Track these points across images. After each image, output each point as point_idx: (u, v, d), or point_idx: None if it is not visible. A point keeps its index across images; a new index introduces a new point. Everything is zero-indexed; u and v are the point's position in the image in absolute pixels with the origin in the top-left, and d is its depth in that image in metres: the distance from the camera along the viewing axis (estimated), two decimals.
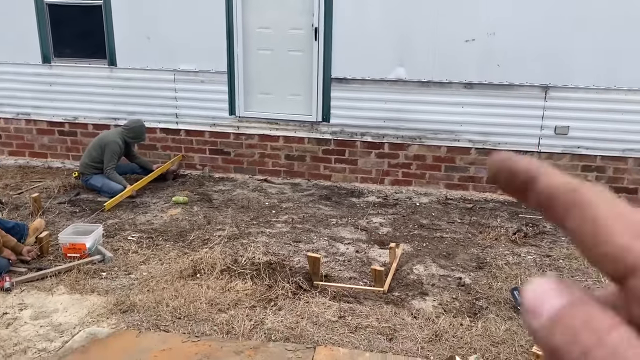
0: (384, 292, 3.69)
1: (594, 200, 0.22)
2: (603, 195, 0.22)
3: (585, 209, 0.22)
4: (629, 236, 0.21)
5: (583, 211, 0.22)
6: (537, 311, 0.22)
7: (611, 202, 0.22)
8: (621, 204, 0.22)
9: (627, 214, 0.22)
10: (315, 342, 3.12)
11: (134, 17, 6.20)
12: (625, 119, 5.44)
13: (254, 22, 6.03)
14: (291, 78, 6.12)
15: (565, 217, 0.22)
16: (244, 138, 6.38)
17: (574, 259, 4.32)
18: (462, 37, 5.55)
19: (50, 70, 6.58)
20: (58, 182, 5.85)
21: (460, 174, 5.96)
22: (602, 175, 5.66)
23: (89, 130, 6.68)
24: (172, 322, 3.30)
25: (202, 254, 4.12)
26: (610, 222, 0.21)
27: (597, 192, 0.22)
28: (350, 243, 4.59)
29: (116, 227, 4.80)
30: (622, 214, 0.22)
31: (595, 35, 5.29)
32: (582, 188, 0.23)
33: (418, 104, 5.82)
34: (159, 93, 6.39)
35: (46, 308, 3.48)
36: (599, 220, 0.21)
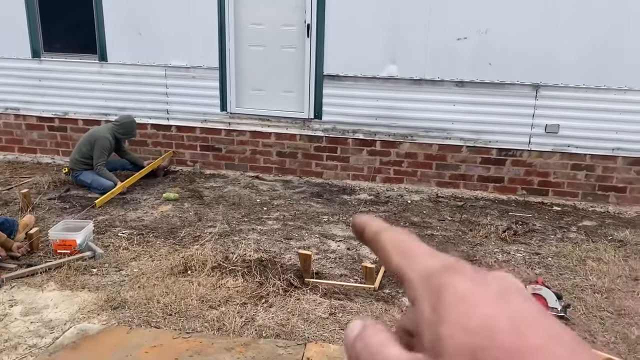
0: (375, 289, 3.71)
1: (384, 238, 0.33)
2: (390, 233, 0.33)
3: (380, 244, 0.33)
4: (397, 257, 0.32)
5: (380, 245, 0.33)
6: (347, 339, 0.30)
7: (393, 237, 0.33)
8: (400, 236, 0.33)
9: (399, 243, 0.32)
10: (306, 338, 3.13)
11: (125, 12, 6.15)
12: (615, 118, 5.49)
13: (246, 18, 6.01)
14: (283, 75, 6.11)
15: (375, 250, 0.34)
16: (236, 134, 6.37)
17: (563, 257, 4.36)
18: (454, 35, 5.57)
19: (39, 65, 6.53)
20: (48, 178, 5.81)
21: (452, 172, 5.99)
22: (592, 173, 5.71)
23: (79, 126, 6.64)
24: (163, 318, 3.30)
25: (193, 250, 4.12)
26: (389, 250, 0.32)
27: (388, 232, 0.33)
28: (342, 240, 4.60)
29: (107, 224, 4.78)
30: (395, 244, 0.32)
31: (586, 35, 5.33)
32: (380, 231, 0.34)
33: (410, 102, 5.84)
34: (150, 89, 6.36)
35: (36, 304, 3.47)
36: (385, 250, 0.33)
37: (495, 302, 0.26)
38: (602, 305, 3.65)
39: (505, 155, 5.84)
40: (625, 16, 5.23)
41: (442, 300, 0.27)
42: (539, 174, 5.82)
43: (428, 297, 0.28)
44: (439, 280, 0.28)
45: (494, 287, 0.27)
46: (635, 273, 4.09)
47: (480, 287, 0.27)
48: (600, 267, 4.17)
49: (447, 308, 0.26)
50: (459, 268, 0.29)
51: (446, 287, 0.27)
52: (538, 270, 4.14)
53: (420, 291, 0.29)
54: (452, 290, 0.27)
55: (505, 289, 0.27)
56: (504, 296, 0.27)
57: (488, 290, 0.27)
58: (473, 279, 0.28)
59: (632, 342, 3.25)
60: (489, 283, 0.28)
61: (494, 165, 5.89)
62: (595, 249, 4.52)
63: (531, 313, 0.26)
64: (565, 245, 4.59)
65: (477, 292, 0.27)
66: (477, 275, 0.28)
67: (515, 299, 0.27)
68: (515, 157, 5.82)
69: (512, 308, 0.26)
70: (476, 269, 0.29)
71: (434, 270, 0.29)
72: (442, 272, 0.29)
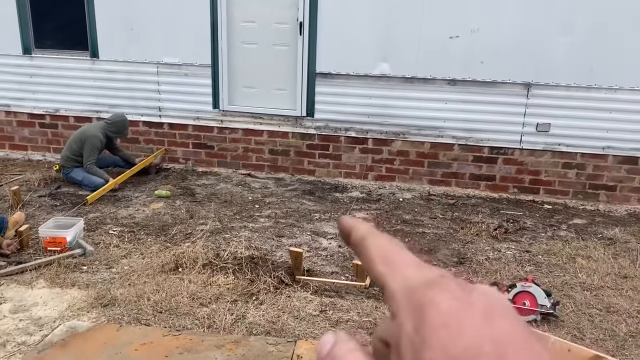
0: (366, 287, 3.72)
1: (369, 244, 0.32)
2: (376, 240, 0.32)
3: (365, 250, 0.32)
4: (380, 265, 0.31)
5: (364, 251, 0.32)
6: (318, 355, 0.30)
7: (378, 244, 0.32)
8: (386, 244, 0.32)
9: (383, 251, 0.32)
10: (296, 336, 3.14)
11: (117, 9, 6.13)
12: (605, 117, 5.52)
13: (239, 16, 6.00)
14: (276, 72, 6.10)
15: (359, 255, 0.33)
16: (228, 132, 6.36)
17: (553, 255, 4.38)
18: (447, 34, 5.59)
19: (31, 61, 6.49)
20: (38, 175, 5.78)
21: (443, 170, 6.01)
22: (582, 172, 5.74)
23: (70, 123, 6.61)
24: (153, 316, 3.30)
25: (184, 248, 4.11)
26: (373, 257, 0.32)
27: (374, 238, 0.33)
28: (333, 238, 4.60)
29: (97, 221, 4.77)
30: (380, 252, 0.32)
31: (577, 34, 5.35)
32: (366, 236, 0.33)
33: (402, 100, 5.85)
34: (142, 86, 6.34)
35: (26, 302, 3.45)
36: (368, 257, 0.32)
37: (480, 324, 0.26)
38: (591, 302, 3.67)
39: (496, 153, 5.86)
40: (615, 16, 5.25)
41: (425, 321, 0.26)
42: (530, 172, 5.85)
43: (410, 314, 0.27)
44: (423, 296, 0.28)
45: (479, 307, 0.27)
46: (624, 271, 4.12)
47: (465, 307, 0.27)
48: (589, 265, 4.20)
49: (430, 331, 0.26)
50: (443, 284, 0.28)
51: (429, 306, 0.27)
52: (528, 268, 4.16)
53: (402, 305, 0.28)
54: (436, 310, 0.26)
55: (491, 309, 0.27)
56: (489, 317, 0.26)
57: (472, 310, 0.26)
58: (457, 297, 0.27)
59: (620, 339, 3.28)
60: (474, 302, 0.27)
61: (485, 164, 5.91)
62: (585, 246, 4.55)
63: (516, 337, 0.26)
64: (556, 243, 4.62)
65: (461, 312, 0.26)
66: (462, 292, 0.28)
67: (501, 321, 0.26)
68: (506, 155, 5.85)
69: (497, 331, 0.26)
70: (461, 284, 0.28)
71: (417, 284, 0.29)
72: (426, 287, 0.28)
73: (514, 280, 3.71)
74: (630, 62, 5.33)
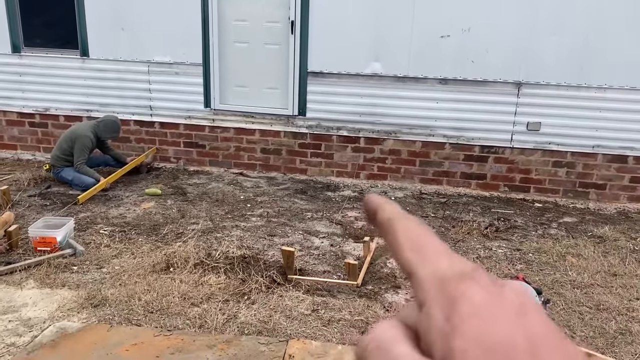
0: (358, 286, 3.72)
1: (397, 227, 0.31)
2: (405, 223, 0.31)
3: (392, 233, 0.31)
4: (409, 251, 0.30)
5: (392, 234, 0.31)
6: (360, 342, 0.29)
7: (407, 228, 0.31)
8: (415, 228, 0.31)
9: (413, 236, 0.30)
10: (288, 335, 3.13)
11: (107, 7, 6.09)
12: (595, 115, 5.56)
13: (230, 14, 5.98)
14: (267, 71, 6.09)
15: (385, 237, 0.32)
16: (220, 131, 6.34)
17: (543, 253, 4.41)
18: (438, 33, 5.60)
19: (20, 60, 6.44)
20: (28, 175, 5.74)
21: (435, 169, 6.02)
22: (572, 171, 5.78)
23: (60, 122, 6.56)
24: (144, 316, 3.28)
25: (176, 247, 4.10)
26: (401, 242, 0.30)
27: (402, 221, 0.31)
28: (325, 237, 4.60)
29: (88, 221, 4.74)
30: (409, 236, 0.30)
31: (567, 34, 5.38)
32: (394, 218, 0.32)
33: (394, 99, 5.86)
34: (132, 85, 6.31)
35: (15, 302, 3.43)
36: (396, 240, 0.31)
37: (513, 319, 0.25)
38: (581, 300, 3.70)
39: (487, 152, 5.88)
40: (604, 15, 5.29)
41: (457, 311, 0.26)
42: (520, 170, 5.88)
43: (441, 304, 0.27)
44: (455, 287, 0.27)
45: (512, 302, 0.26)
46: (613, 269, 4.15)
47: (498, 301, 0.26)
48: (579, 263, 4.23)
49: (462, 320, 0.25)
50: (476, 277, 0.27)
51: (462, 297, 0.26)
52: (519, 266, 4.18)
53: (433, 295, 0.27)
54: (469, 302, 0.26)
55: (524, 306, 0.26)
56: (522, 313, 0.26)
57: (505, 305, 0.26)
58: (490, 290, 0.27)
59: (610, 337, 3.31)
60: (507, 297, 0.26)
61: (476, 162, 5.94)
62: (575, 245, 4.58)
63: (549, 335, 0.25)
64: (546, 242, 4.64)
65: (495, 306, 0.26)
66: (494, 286, 0.27)
67: (534, 318, 0.26)
68: (497, 154, 5.87)
69: (530, 327, 0.25)
70: (493, 279, 0.28)
71: (449, 274, 0.28)
72: (459, 279, 0.27)
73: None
74: (620, 61, 5.37)
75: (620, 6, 5.25)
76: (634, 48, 5.31)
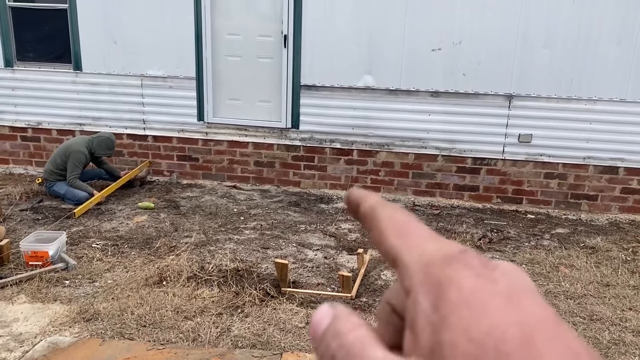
0: (352, 298, 3.72)
1: (380, 215, 0.29)
2: (388, 210, 0.30)
3: (375, 221, 0.29)
4: (393, 237, 0.28)
5: (375, 222, 0.29)
6: (315, 331, 0.27)
7: (391, 215, 0.29)
8: (399, 215, 0.29)
9: (397, 222, 0.29)
10: (282, 348, 3.12)
11: (101, 22, 6.11)
12: (586, 127, 5.62)
13: (223, 28, 6.02)
14: (260, 84, 6.12)
15: (369, 227, 0.30)
16: (213, 144, 6.35)
17: (536, 264, 4.42)
18: (429, 47, 5.66)
19: (13, 74, 6.43)
20: (20, 189, 5.71)
21: (428, 181, 6.05)
22: (564, 182, 5.82)
23: (52, 136, 6.55)
24: (137, 330, 3.26)
25: (169, 261, 4.08)
26: (384, 229, 0.28)
27: (386, 208, 0.30)
28: (319, 249, 4.60)
29: (80, 235, 4.71)
30: (393, 223, 0.29)
31: (557, 47, 5.45)
32: (377, 207, 0.30)
33: (386, 112, 5.90)
34: (126, 98, 6.31)
35: (6, 317, 3.39)
36: (380, 228, 0.29)
37: (505, 305, 0.23)
38: (574, 310, 3.71)
39: (480, 164, 5.92)
40: (594, 29, 5.37)
41: (445, 299, 0.24)
42: (513, 182, 5.91)
43: (427, 290, 0.25)
44: (441, 272, 0.25)
45: (504, 286, 0.24)
46: (606, 279, 4.17)
47: (488, 285, 0.24)
48: (572, 274, 4.25)
49: (450, 309, 0.23)
50: (464, 259, 0.25)
51: (449, 283, 0.24)
52: None
53: (418, 281, 0.25)
54: (456, 288, 0.24)
55: (516, 289, 0.24)
56: (515, 298, 0.24)
57: (497, 289, 0.24)
58: (480, 273, 0.24)
59: (603, 347, 3.31)
60: (498, 280, 0.24)
61: (469, 174, 5.97)
62: (568, 255, 4.60)
63: (546, 322, 0.23)
64: (539, 253, 4.66)
65: (485, 291, 0.24)
66: (485, 269, 0.25)
67: (528, 302, 0.24)
68: (489, 166, 5.91)
69: (523, 314, 0.23)
70: (484, 261, 0.25)
71: (435, 258, 0.26)
72: (445, 262, 0.25)
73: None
74: (609, 74, 5.44)
75: (609, 20, 5.33)
76: (622, 61, 5.39)
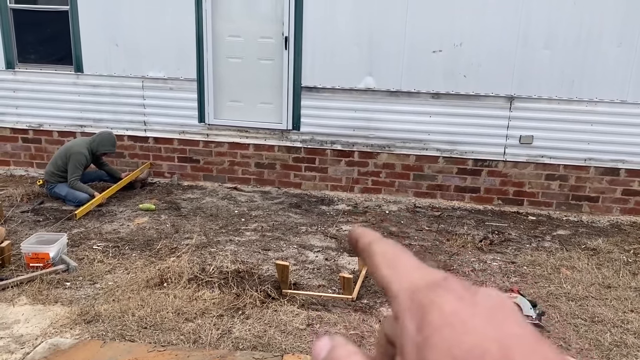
0: (353, 300, 3.71)
1: (375, 249, 0.32)
2: (382, 245, 0.33)
3: (371, 255, 0.32)
4: (385, 269, 0.31)
5: (371, 256, 0.32)
6: (316, 356, 0.29)
7: (384, 249, 0.32)
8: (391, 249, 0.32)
9: (389, 255, 0.32)
10: (283, 350, 3.11)
11: (102, 23, 6.12)
12: (587, 129, 5.61)
13: (224, 30, 6.02)
14: (261, 86, 6.12)
15: (366, 261, 0.33)
16: (214, 146, 6.35)
17: (538, 266, 4.42)
18: (430, 48, 5.66)
19: (14, 76, 6.44)
20: (21, 191, 5.71)
21: (429, 182, 6.04)
22: (565, 183, 5.81)
23: (54, 138, 6.55)
24: (138, 331, 3.25)
25: (170, 262, 4.07)
26: (378, 261, 0.31)
27: (380, 243, 0.33)
28: (320, 251, 4.60)
29: (81, 236, 4.71)
30: (385, 256, 0.32)
31: (558, 48, 5.45)
32: (373, 242, 0.33)
33: (387, 113, 5.89)
34: (127, 100, 6.32)
35: (6, 319, 3.39)
36: (374, 261, 0.32)
37: (485, 325, 0.24)
38: (576, 312, 3.70)
39: (481, 165, 5.91)
40: (594, 30, 5.36)
41: (428, 321, 0.25)
42: (514, 184, 5.91)
43: (412, 314, 0.26)
44: (425, 297, 0.27)
45: (484, 308, 0.25)
46: (607, 281, 4.16)
47: (469, 307, 0.25)
48: (574, 275, 4.24)
49: (433, 330, 0.25)
50: (446, 285, 0.27)
51: (432, 306, 0.26)
52: (514, 278, 4.19)
53: (405, 307, 0.27)
54: (438, 310, 0.25)
55: (496, 310, 0.25)
56: (495, 318, 0.25)
57: (477, 311, 0.25)
58: (461, 297, 0.26)
59: (605, 349, 3.30)
60: (478, 303, 0.26)
61: (470, 176, 5.96)
62: (569, 257, 4.59)
63: (524, 340, 0.24)
64: (540, 254, 4.65)
65: (466, 313, 0.25)
66: (466, 293, 0.26)
67: (507, 322, 0.25)
68: (490, 167, 5.90)
69: (503, 333, 0.24)
70: (465, 286, 0.27)
71: (420, 285, 0.28)
72: (429, 288, 0.27)
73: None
74: (610, 75, 5.43)
75: (610, 21, 5.33)
76: (623, 62, 5.38)
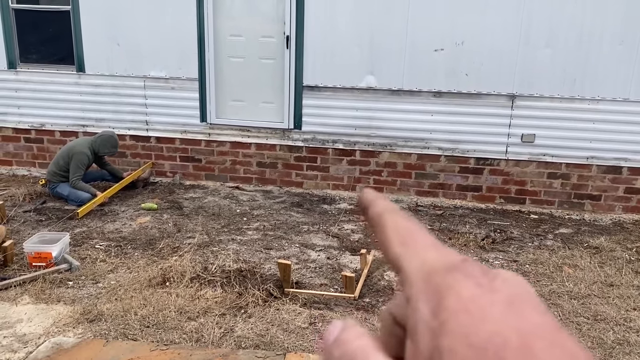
0: (355, 299, 3.71)
1: (387, 222, 0.30)
2: (394, 218, 0.30)
3: (381, 227, 0.30)
4: (397, 246, 0.28)
5: (381, 228, 0.30)
6: (325, 342, 0.28)
7: (397, 223, 0.30)
8: (405, 223, 0.30)
9: (402, 230, 0.29)
10: (285, 349, 3.12)
11: (103, 23, 6.12)
12: (589, 127, 5.61)
13: (226, 30, 6.03)
14: (263, 85, 6.12)
15: (375, 232, 0.30)
16: (215, 145, 6.35)
17: (540, 264, 4.41)
18: (432, 47, 5.65)
19: (16, 76, 6.45)
20: (24, 190, 5.72)
21: (430, 181, 6.04)
22: (567, 182, 5.81)
23: (56, 138, 6.56)
24: (141, 330, 3.26)
25: (172, 262, 4.08)
26: (390, 236, 0.29)
27: (392, 216, 0.30)
28: (322, 250, 4.60)
29: (84, 236, 4.72)
30: (398, 231, 0.29)
31: (560, 46, 5.44)
32: (385, 213, 0.31)
33: (389, 112, 5.89)
34: (128, 100, 6.32)
35: (9, 318, 3.40)
36: (385, 235, 0.29)
37: (505, 313, 0.23)
38: (578, 311, 3.70)
39: (483, 164, 5.91)
40: (596, 28, 5.35)
41: (444, 306, 0.24)
42: (516, 182, 5.90)
43: (427, 298, 0.25)
44: (442, 280, 0.25)
45: (504, 295, 0.24)
46: (610, 279, 4.16)
47: (488, 294, 0.24)
48: (576, 274, 4.23)
49: (449, 316, 0.24)
50: (464, 268, 0.26)
51: (449, 290, 0.25)
52: None
53: (419, 289, 0.26)
54: (456, 295, 0.24)
55: (517, 297, 0.24)
56: (515, 306, 0.24)
57: (496, 298, 0.24)
58: (480, 283, 0.25)
59: (608, 347, 3.30)
60: (498, 289, 0.25)
61: (472, 174, 5.96)
62: (571, 255, 4.59)
63: (545, 330, 0.23)
64: (542, 253, 4.65)
65: (484, 299, 0.24)
66: (485, 278, 0.25)
67: (527, 310, 0.24)
68: (492, 166, 5.90)
69: (523, 322, 0.23)
70: (484, 270, 0.26)
71: (436, 267, 0.26)
72: (446, 271, 0.26)
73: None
74: (612, 73, 5.42)
75: (611, 19, 5.32)
76: (625, 60, 5.38)
